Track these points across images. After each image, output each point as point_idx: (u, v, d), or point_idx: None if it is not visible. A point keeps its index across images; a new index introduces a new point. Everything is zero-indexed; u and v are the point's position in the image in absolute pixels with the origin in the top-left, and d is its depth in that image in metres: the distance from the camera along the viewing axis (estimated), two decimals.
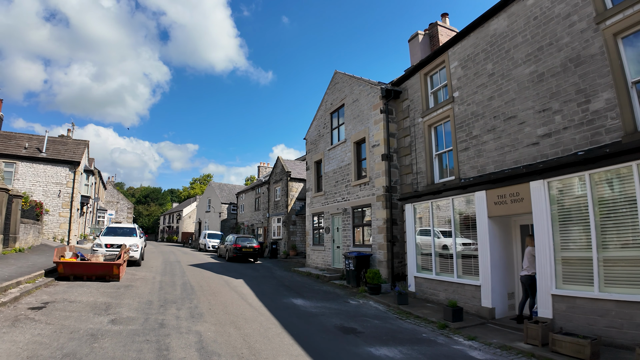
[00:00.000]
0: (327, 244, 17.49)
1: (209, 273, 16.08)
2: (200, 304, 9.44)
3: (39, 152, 26.90)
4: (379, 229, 13.93)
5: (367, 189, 14.81)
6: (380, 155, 14.25)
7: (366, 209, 15.03)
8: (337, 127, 17.89)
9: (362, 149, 15.84)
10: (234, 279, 14.58)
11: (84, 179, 29.46)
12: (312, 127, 20.29)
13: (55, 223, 26.24)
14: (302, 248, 26.84)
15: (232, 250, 22.48)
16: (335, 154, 17.51)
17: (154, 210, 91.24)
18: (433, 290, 11.35)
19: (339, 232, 16.80)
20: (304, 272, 17.33)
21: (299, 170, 28.55)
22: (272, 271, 18.33)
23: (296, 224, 26.95)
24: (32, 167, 26.16)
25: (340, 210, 16.41)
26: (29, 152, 26.45)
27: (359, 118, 15.87)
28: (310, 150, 20.21)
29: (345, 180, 16.40)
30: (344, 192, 16.43)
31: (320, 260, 18.12)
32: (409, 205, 12.54)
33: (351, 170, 16.03)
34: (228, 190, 47.85)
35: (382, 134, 14.34)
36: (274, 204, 29.17)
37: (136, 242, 17.15)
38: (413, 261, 12.16)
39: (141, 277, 13.50)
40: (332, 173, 17.61)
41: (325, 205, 17.93)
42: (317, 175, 19.56)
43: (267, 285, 13.67)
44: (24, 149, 26.61)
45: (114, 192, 55.46)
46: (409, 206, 12.56)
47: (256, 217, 34.88)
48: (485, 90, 10.99)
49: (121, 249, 13.09)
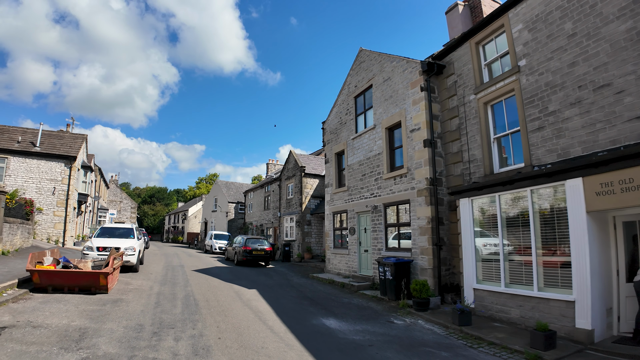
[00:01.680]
0: (352, 247, 15.15)
1: (216, 281, 13.80)
2: (207, 330, 7.13)
3: (32, 146, 24.83)
4: (421, 230, 11.58)
5: (404, 182, 12.45)
6: (422, 141, 11.90)
7: (403, 205, 12.68)
8: (363, 113, 15.54)
9: (396, 135, 13.49)
10: (245, 289, 12.28)
11: (81, 175, 27.33)
12: (331, 114, 17.96)
13: (49, 223, 24.14)
14: (318, 251, 24.49)
15: (241, 253, 20.19)
16: (361, 143, 15.17)
17: (159, 210, 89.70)
18: (501, 306, 8.99)
19: (366, 233, 14.46)
20: (326, 280, 15.00)
21: (314, 165, 26.21)
22: (288, 278, 16.02)
23: (311, 223, 24.58)
24: (24, 163, 24.09)
25: (369, 207, 14.06)
26: (22, 146, 24.37)
27: (391, 99, 13.52)
28: (329, 141, 17.88)
29: (375, 172, 14.06)
30: (373, 187, 14.08)
31: (343, 265, 15.78)
32: (465, 201, 10.17)
33: (382, 160, 13.68)
34: (235, 189, 45.63)
35: (423, 116, 11.99)
36: (286, 202, 26.83)
37: (133, 244, 14.91)
38: (471, 270, 9.80)
39: (136, 288, 11.24)
40: (357, 165, 15.26)
41: (349, 202, 15.59)
42: (338, 168, 17.21)
43: (286, 297, 11.35)
44: (16, 142, 24.54)
45: (117, 191, 53.45)
46: (464, 201, 10.20)
47: (265, 217, 32.61)
48: (564, 55, 8.70)
49: (109, 256, 10.81)
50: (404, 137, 12.65)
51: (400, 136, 13.04)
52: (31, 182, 23.97)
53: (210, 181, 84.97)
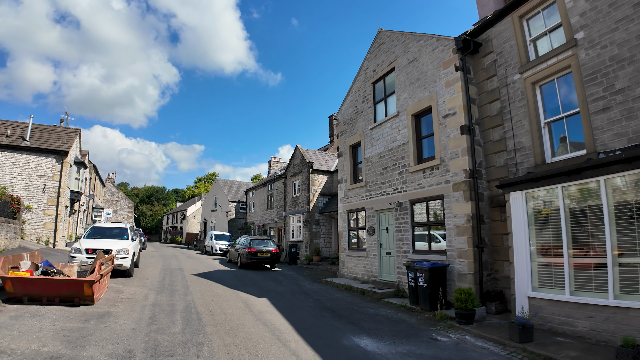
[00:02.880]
0: (371, 249, 13.60)
1: (220, 287, 12.24)
2: (215, 358, 5.57)
3: (22, 140, 23.24)
4: (458, 230, 10.04)
5: (437, 175, 10.92)
6: (459, 127, 10.37)
7: (434, 202, 11.15)
8: (383, 99, 13.99)
9: (425, 122, 11.95)
10: (254, 298, 10.73)
11: (74, 172, 25.74)
12: (345, 104, 16.40)
13: (39, 222, 22.56)
14: (328, 252, 22.89)
15: (245, 256, 18.61)
16: (381, 133, 13.62)
17: (157, 210, 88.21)
18: (565, 317, 7.46)
19: (388, 233, 12.91)
20: (342, 285, 13.44)
21: (321, 161, 24.61)
22: (299, 283, 14.46)
23: (320, 223, 22.97)
24: (13, 158, 22.51)
25: (393, 204, 12.51)
26: (10, 140, 22.79)
27: (419, 82, 11.99)
28: (343, 132, 16.32)
29: (399, 165, 12.51)
30: (396, 181, 12.54)
31: (360, 269, 14.22)
32: (518, 195, 8.63)
33: (409, 151, 12.13)
34: (236, 188, 44.01)
35: (459, 99, 10.46)
36: (292, 200, 25.22)
37: (126, 246, 13.34)
38: (525, 275, 8.26)
39: (128, 297, 9.68)
40: (377, 158, 13.71)
41: (368, 199, 14.03)
42: (353, 162, 15.65)
43: (303, 308, 9.80)
44: (5, 136, 22.96)
45: (114, 190, 51.80)
46: (516, 195, 8.65)
47: (268, 217, 31.03)
48: (631, 26, 7.38)
49: (96, 260, 9.22)
50: (436, 124, 11.12)
51: (431, 123, 11.50)
52: (20, 179, 22.42)
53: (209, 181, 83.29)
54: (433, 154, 11.27)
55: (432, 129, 11.42)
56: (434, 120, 11.25)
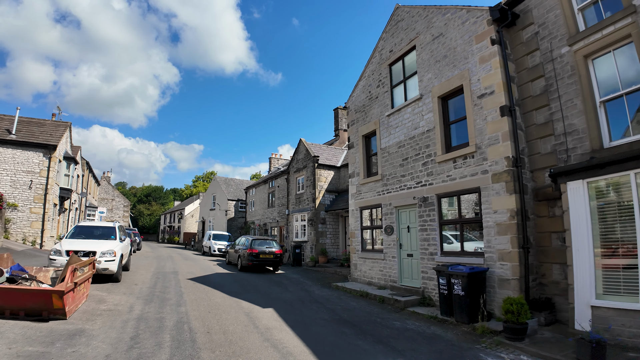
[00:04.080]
0: (389, 250, 12.09)
1: (218, 295, 10.74)
2: None
3: (8, 133, 21.67)
4: (499, 228, 8.55)
5: (471, 165, 9.42)
6: (498, 108, 8.89)
7: (468, 196, 9.66)
8: (402, 82, 12.49)
9: (455, 105, 10.45)
10: (258, 308, 9.22)
11: (63, 167, 24.15)
12: (357, 90, 14.89)
13: (25, 221, 21.00)
14: (335, 253, 21.35)
15: (246, 257, 17.09)
16: (400, 120, 12.12)
17: (155, 210, 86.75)
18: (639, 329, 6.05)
19: (410, 233, 11.41)
20: (356, 292, 11.94)
21: (327, 155, 23.06)
22: (307, 288, 12.96)
23: (326, 222, 21.41)
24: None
25: (416, 200, 11.02)
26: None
27: (446, 60, 10.50)
28: (354, 121, 14.80)
29: (423, 155, 11.01)
30: (420, 173, 11.04)
31: (376, 273, 12.72)
32: (577, 184, 7.17)
33: (435, 138, 10.63)
34: (235, 186, 42.44)
35: (498, 75, 8.98)
36: (296, 197, 23.67)
37: (112, 247, 11.84)
38: (588, 280, 6.80)
39: (110, 309, 8.17)
40: (395, 147, 12.20)
41: (384, 194, 12.53)
42: (366, 153, 14.12)
43: (317, 321, 8.29)
44: None
45: (109, 189, 50.18)
46: (575, 185, 7.19)
47: (270, 215, 29.50)
48: None
49: (67, 267, 7.66)
50: (469, 106, 9.62)
51: (462, 105, 10.01)
52: (5, 175, 20.86)
53: (207, 179, 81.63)
54: (466, 141, 9.77)
55: (464, 111, 9.93)
56: (466, 102, 9.75)
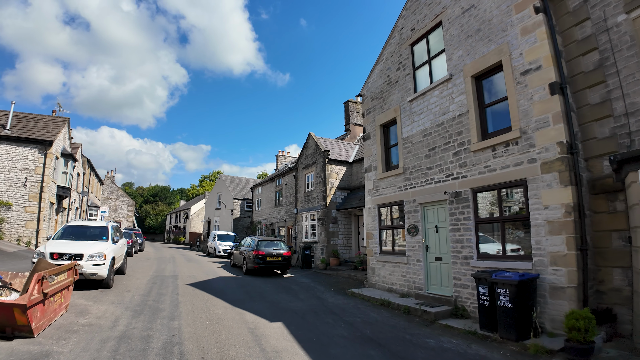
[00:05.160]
0: (413, 253, 10.66)
1: (219, 304, 9.36)
2: None
3: (2, 129, 20.56)
4: (551, 227, 7.09)
5: (515, 153, 7.96)
6: (547, 85, 7.43)
7: (510, 190, 8.21)
8: (426, 62, 11.03)
9: (491, 85, 8.99)
10: (265, 322, 7.83)
11: (60, 165, 22.99)
12: (373, 75, 13.45)
13: (20, 221, 19.88)
14: (347, 255, 19.90)
15: (252, 260, 15.72)
16: (425, 105, 10.67)
17: (162, 210, 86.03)
18: None
19: (438, 233, 9.96)
20: (376, 300, 10.51)
21: (338, 150, 21.59)
22: (320, 295, 11.55)
23: (337, 221, 19.95)
24: None
25: (447, 195, 9.56)
26: None
27: (480, 34, 9.05)
28: (371, 110, 13.36)
29: (454, 143, 9.55)
30: (451, 165, 9.58)
31: (397, 278, 11.27)
32: None
33: (469, 124, 9.16)
34: (241, 184, 41.14)
35: (545, 48, 7.53)
36: (305, 195, 22.24)
37: (102, 249, 10.55)
38: None
39: (90, 323, 6.83)
40: (420, 136, 10.76)
41: (407, 189, 11.09)
42: (385, 145, 12.67)
43: (336, 340, 6.86)
44: None
45: (113, 188, 49.16)
46: None
47: (277, 215, 28.15)
48: None
49: (32, 275, 6.28)
50: (510, 84, 8.16)
51: (501, 84, 8.54)
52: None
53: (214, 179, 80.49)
54: (507, 125, 8.30)
55: (503, 91, 8.47)
56: (506, 80, 8.29)
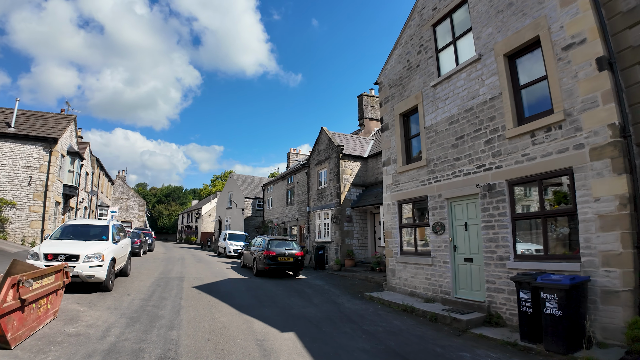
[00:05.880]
0: (439, 253, 9.66)
1: (225, 310, 8.49)
2: None
3: (7, 126, 20.04)
4: (603, 221, 6.05)
5: (558, 139, 6.93)
6: (594, 60, 6.40)
7: (555, 179, 7.19)
8: (451, 43, 10.00)
9: (525, 64, 7.93)
10: (275, 332, 6.94)
11: (67, 163, 22.41)
12: (391, 61, 12.47)
13: (24, 220, 19.31)
14: (363, 255, 18.94)
15: (262, 260, 14.86)
16: (451, 89, 9.66)
17: (174, 210, 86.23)
18: None
19: (468, 231, 8.96)
20: (397, 306, 9.55)
21: (352, 145, 20.61)
22: (336, 300, 10.62)
23: (352, 220, 18.98)
24: None
25: (479, 189, 8.55)
26: None
27: (512, 8, 8.02)
28: (389, 98, 12.38)
29: (486, 130, 8.54)
30: (483, 154, 8.57)
31: (420, 281, 10.29)
32: None
33: (502, 108, 8.14)
34: (252, 183, 40.40)
35: (590, 19, 6.51)
36: (318, 193, 21.32)
37: (100, 250, 9.79)
38: None
39: (77, 333, 6.01)
40: (445, 124, 9.76)
41: (432, 182, 10.11)
42: (405, 135, 11.67)
43: (358, 356, 5.89)
44: None
45: (124, 188, 48.87)
46: None
47: (288, 214, 27.31)
48: None
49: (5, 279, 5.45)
50: (550, 61, 7.12)
51: (539, 62, 7.50)
52: (3, 171, 19.25)
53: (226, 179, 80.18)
54: (548, 107, 7.28)
55: (542, 70, 7.44)
56: (545, 57, 7.26)
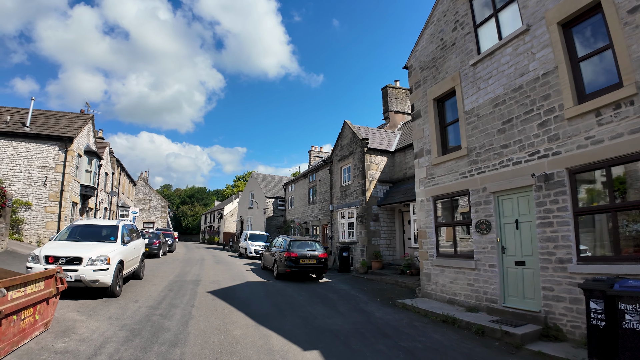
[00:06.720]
0: (484, 256, 8.41)
1: (240, 321, 7.47)
2: None
3: (22, 126, 19.68)
4: None
5: (630, 116, 5.61)
6: None
7: (627, 165, 5.90)
8: (491, 16, 8.72)
9: (583, 33, 6.62)
10: (297, 350, 5.86)
11: (84, 163, 21.96)
12: (422, 41, 11.24)
13: (40, 221, 18.87)
14: (391, 257, 17.67)
15: (283, 263, 13.84)
16: (495, 67, 8.38)
17: (198, 211, 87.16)
18: None
19: (519, 230, 7.70)
20: (436, 316, 8.35)
21: (378, 139, 19.33)
22: (364, 308, 9.48)
23: (379, 219, 17.71)
24: (10, 146, 18.96)
25: (534, 179, 7.28)
26: (8, 127, 19.27)
27: None
28: (420, 82, 11.15)
29: (539, 111, 7.25)
30: (536, 139, 7.29)
31: (462, 288, 9.04)
32: None
33: (558, 84, 6.82)
34: (274, 182, 39.57)
35: None
36: (341, 191, 20.17)
37: (105, 252, 8.95)
38: None
39: (65, 349, 5.08)
40: (489, 107, 8.50)
41: (474, 174, 8.86)
42: (440, 123, 10.44)
43: None
44: (4, 123, 19.49)
45: (146, 189, 48.85)
46: None
47: (310, 213, 26.28)
48: None
49: None
50: (615, 28, 5.81)
51: (601, 29, 6.19)
52: (18, 171, 18.86)
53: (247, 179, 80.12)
54: (615, 81, 5.99)
55: (604, 38, 6.17)
56: (609, 22, 5.97)
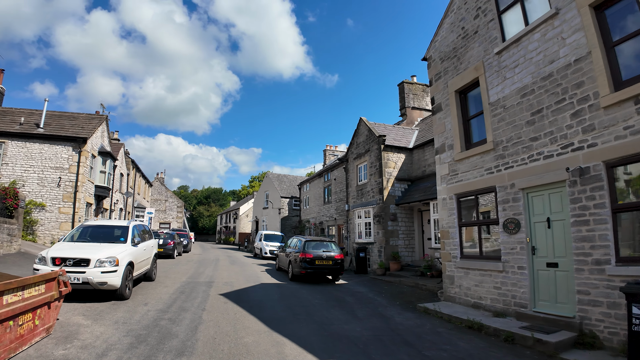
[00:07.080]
0: (512, 257, 7.84)
1: (252, 326, 7.06)
2: None
3: (36, 127, 19.71)
4: None
5: None
6: None
7: None
8: (516, 2, 8.12)
9: (618, 14, 6.02)
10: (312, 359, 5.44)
11: (98, 164, 21.90)
12: (442, 31, 10.69)
13: (54, 222, 18.82)
14: (410, 258, 17.08)
15: (298, 264, 13.42)
16: (522, 54, 7.80)
17: (214, 211, 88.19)
18: None
19: (551, 229, 7.12)
20: (460, 321, 7.82)
21: (395, 136, 18.73)
22: (383, 312, 8.98)
23: (397, 218, 17.12)
24: (24, 147, 18.99)
25: (568, 174, 6.71)
26: (23, 129, 19.30)
27: None
28: (441, 74, 10.60)
29: (572, 100, 6.67)
30: (569, 131, 6.70)
31: (488, 291, 8.47)
32: None
33: (593, 71, 6.22)
34: (289, 182, 39.25)
35: None
36: (357, 189, 19.65)
37: (114, 254, 8.67)
38: None
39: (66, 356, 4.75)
40: (517, 97, 7.92)
41: (501, 170, 8.29)
42: (462, 116, 9.88)
43: None
44: (18, 124, 19.55)
45: (162, 190, 49.05)
46: None
47: (326, 213, 25.83)
48: None
49: None
50: None
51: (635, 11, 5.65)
52: (32, 172, 18.87)
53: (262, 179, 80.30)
54: None
55: None
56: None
